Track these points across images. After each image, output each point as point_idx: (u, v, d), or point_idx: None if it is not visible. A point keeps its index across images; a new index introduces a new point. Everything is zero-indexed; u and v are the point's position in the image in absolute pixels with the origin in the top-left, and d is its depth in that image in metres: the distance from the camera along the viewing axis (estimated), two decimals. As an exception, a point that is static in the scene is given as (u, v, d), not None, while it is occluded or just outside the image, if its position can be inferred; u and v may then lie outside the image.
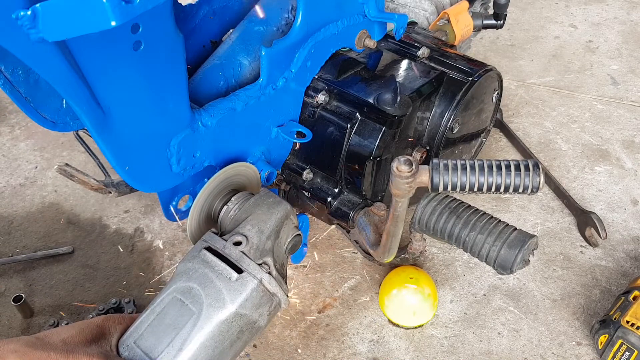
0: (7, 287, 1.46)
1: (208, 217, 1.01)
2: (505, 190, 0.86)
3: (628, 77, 2.06)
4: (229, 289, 0.79)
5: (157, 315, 0.79)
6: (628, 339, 1.17)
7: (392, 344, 1.33)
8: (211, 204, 1.00)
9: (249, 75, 1.14)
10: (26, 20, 0.62)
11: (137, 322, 0.80)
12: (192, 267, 0.82)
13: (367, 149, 1.15)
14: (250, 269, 0.81)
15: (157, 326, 0.78)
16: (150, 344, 0.77)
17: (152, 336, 0.78)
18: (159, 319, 0.79)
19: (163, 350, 0.77)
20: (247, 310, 0.80)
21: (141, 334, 0.78)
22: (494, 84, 1.35)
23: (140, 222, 1.61)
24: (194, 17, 1.22)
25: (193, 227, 0.99)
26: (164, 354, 0.77)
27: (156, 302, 0.81)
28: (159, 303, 0.81)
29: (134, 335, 0.79)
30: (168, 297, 0.81)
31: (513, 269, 0.96)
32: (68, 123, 1.00)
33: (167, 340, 0.77)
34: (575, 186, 1.67)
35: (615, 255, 1.49)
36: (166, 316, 0.79)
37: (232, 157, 1.09)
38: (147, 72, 0.83)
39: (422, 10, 1.56)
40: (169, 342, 0.77)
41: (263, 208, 0.91)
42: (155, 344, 0.77)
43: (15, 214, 1.65)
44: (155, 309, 0.80)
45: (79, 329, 0.77)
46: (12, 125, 1.94)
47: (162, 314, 0.79)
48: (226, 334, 0.79)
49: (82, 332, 0.76)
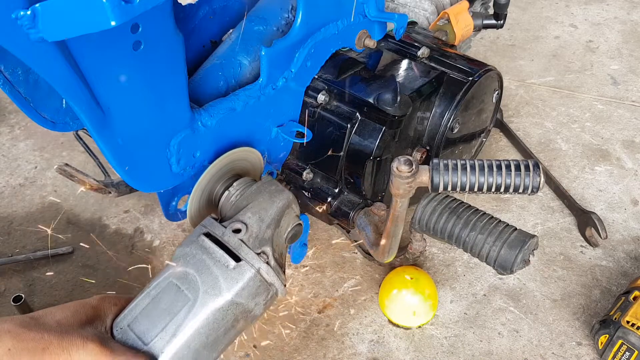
0: (6, 287, 1.46)
1: (209, 200, 1.00)
2: (506, 190, 0.86)
3: (628, 77, 2.06)
4: (225, 276, 0.78)
5: (153, 300, 0.79)
6: (628, 339, 1.17)
7: (392, 344, 1.32)
8: (213, 188, 0.99)
9: (249, 75, 1.14)
10: (26, 20, 0.62)
11: (132, 305, 0.79)
12: (190, 252, 0.81)
13: (367, 149, 1.15)
14: (248, 257, 0.80)
15: (151, 310, 0.78)
16: (144, 327, 0.77)
17: (146, 320, 0.77)
18: (154, 303, 0.78)
19: (157, 334, 0.76)
20: (243, 299, 0.79)
21: (135, 317, 0.78)
22: (494, 84, 1.35)
23: (140, 222, 1.61)
24: (194, 17, 1.22)
25: (193, 210, 0.98)
26: (157, 339, 0.76)
27: (152, 285, 0.80)
28: (155, 287, 0.80)
29: (128, 318, 0.78)
30: (164, 281, 0.80)
31: (513, 269, 0.96)
32: (68, 123, 1.00)
33: (161, 325, 0.77)
34: (576, 186, 1.67)
35: (615, 255, 1.49)
36: (161, 301, 0.78)
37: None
38: (147, 72, 0.83)
39: (422, 10, 1.56)
40: (162, 327, 0.76)
41: (265, 196, 0.90)
42: (149, 328, 0.77)
43: (15, 214, 1.65)
44: (150, 293, 0.79)
45: (74, 310, 0.76)
46: (11, 125, 1.94)
47: (157, 298, 0.79)
48: (221, 322, 0.78)
49: (77, 314, 0.76)
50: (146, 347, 0.76)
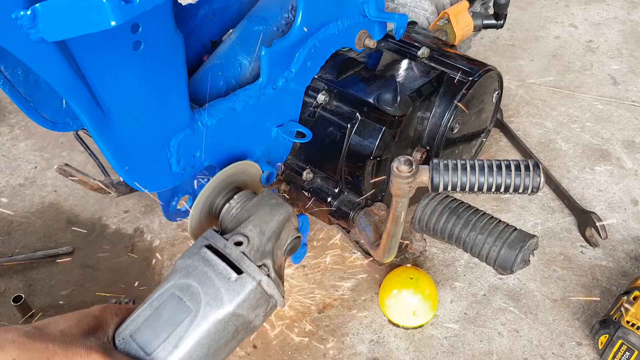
0: (6, 287, 1.46)
1: (209, 213, 1.01)
2: (506, 190, 0.86)
3: (628, 77, 2.06)
4: (227, 288, 0.79)
5: (155, 310, 0.79)
6: (628, 339, 1.17)
7: (392, 344, 1.33)
8: (213, 201, 1.00)
9: (249, 75, 1.14)
10: (26, 20, 0.62)
11: (134, 315, 0.80)
12: (192, 264, 0.82)
13: (367, 149, 1.15)
14: (249, 270, 0.81)
15: (154, 321, 0.78)
16: (146, 338, 0.77)
17: (148, 330, 0.78)
18: (156, 314, 0.79)
19: (159, 345, 0.77)
20: (244, 311, 0.80)
21: (137, 328, 0.78)
22: (494, 84, 1.35)
23: (140, 222, 1.61)
24: (194, 17, 1.22)
25: (194, 222, 0.99)
26: (159, 350, 0.76)
27: (154, 296, 0.81)
28: (157, 298, 0.80)
29: (130, 328, 0.79)
30: (166, 292, 0.80)
31: (513, 269, 0.96)
32: (68, 123, 1.00)
33: (164, 336, 0.77)
34: (576, 186, 1.67)
35: (615, 255, 1.49)
36: (163, 312, 0.79)
37: (232, 157, 1.09)
38: (147, 72, 0.83)
39: (422, 10, 1.56)
40: (165, 338, 0.77)
41: (265, 209, 0.91)
42: (151, 338, 0.77)
43: (15, 214, 1.65)
44: (153, 304, 0.80)
45: (77, 319, 0.76)
46: (11, 125, 1.94)
47: (159, 309, 0.79)
48: (222, 333, 0.79)
49: (80, 323, 0.76)
50: (148, 358, 0.77)
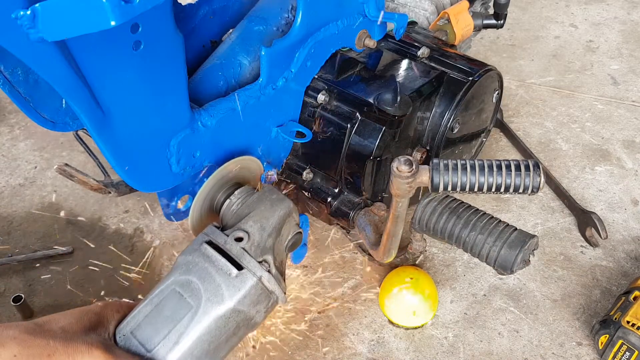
0: (6, 287, 1.46)
1: (210, 208, 1.01)
2: (506, 190, 0.86)
3: (628, 77, 2.06)
4: (228, 285, 0.79)
5: (155, 307, 0.79)
6: (628, 339, 1.17)
7: (392, 344, 1.32)
8: (214, 196, 1.00)
9: (248, 75, 1.14)
10: (26, 20, 0.62)
11: (135, 312, 0.80)
12: (193, 260, 0.82)
13: (367, 149, 1.15)
14: (250, 266, 0.81)
15: (154, 317, 0.78)
16: (147, 334, 0.78)
17: (149, 327, 0.78)
18: (156, 310, 0.79)
19: (160, 342, 0.77)
20: (244, 307, 0.80)
21: (138, 324, 0.79)
22: (494, 84, 1.35)
23: (140, 222, 1.61)
24: (194, 17, 1.22)
25: (195, 218, 0.99)
26: (160, 346, 0.77)
27: (154, 292, 0.81)
28: (158, 294, 0.80)
29: (131, 324, 0.79)
30: (167, 289, 0.81)
31: (513, 269, 0.96)
32: (68, 123, 1.00)
33: (164, 332, 0.77)
34: (576, 186, 1.67)
35: (615, 255, 1.49)
36: (164, 308, 0.79)
37: (232, 157, 1.09)
38: (147, 72, 0.83)
39: (422, 10, 1.56)
40: (165, 335, 0.77)
41: (266, 204, 0.91)
42: (152, 335, 0.77)
43: (14, 214, 1.65)
44: (153, 300, 0.80)
45: (78, 316, 0.77)
46: (11, 125, 1.94)
47: (160, 306, 0.79)
48: (223, 329, 0.79)
49: (81, 320, 0.76)
50: (149, 354, 0.77)
